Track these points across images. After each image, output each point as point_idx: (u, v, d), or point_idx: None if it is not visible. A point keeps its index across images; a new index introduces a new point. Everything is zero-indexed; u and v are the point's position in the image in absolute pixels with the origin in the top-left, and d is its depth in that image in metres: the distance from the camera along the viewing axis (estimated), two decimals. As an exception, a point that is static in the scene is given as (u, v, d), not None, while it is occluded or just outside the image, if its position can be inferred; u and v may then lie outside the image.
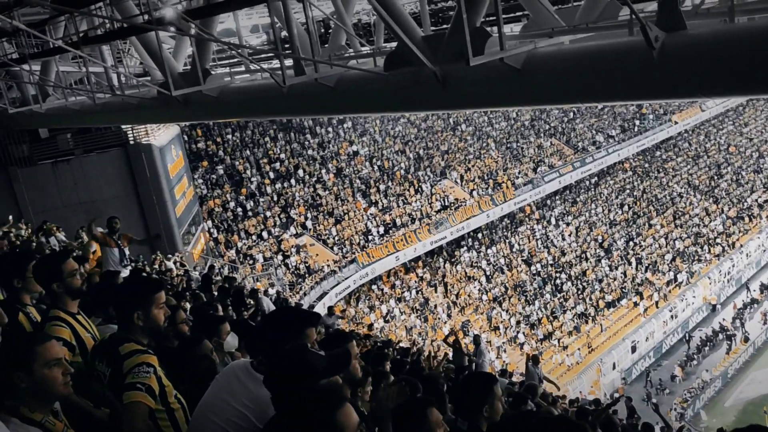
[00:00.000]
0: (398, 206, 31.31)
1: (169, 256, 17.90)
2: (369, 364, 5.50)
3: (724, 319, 32.15)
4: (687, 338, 31.16)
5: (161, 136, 21.08)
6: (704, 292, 33.60)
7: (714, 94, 14.30)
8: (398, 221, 30.45)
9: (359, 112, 17.16)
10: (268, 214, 27.97)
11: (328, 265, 26.81)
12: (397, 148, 34.63)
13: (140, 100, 12.19)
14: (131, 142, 20.25)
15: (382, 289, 29.24)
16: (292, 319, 3.15)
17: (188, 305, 7.52)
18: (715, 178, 43.23)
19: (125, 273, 8.51)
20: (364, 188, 31.48)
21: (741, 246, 36.99)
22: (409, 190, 32.43)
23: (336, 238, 28.51)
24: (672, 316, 31.57)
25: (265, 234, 27.15)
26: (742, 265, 36.10)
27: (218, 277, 15.23)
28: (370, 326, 25.71)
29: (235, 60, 13.16)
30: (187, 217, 22.45)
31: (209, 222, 26.34)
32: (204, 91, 10.11)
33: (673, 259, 35.06)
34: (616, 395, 27.24)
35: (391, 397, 3.18)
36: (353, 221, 29.63)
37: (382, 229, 29.76)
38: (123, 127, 19.73)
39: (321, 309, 20.83)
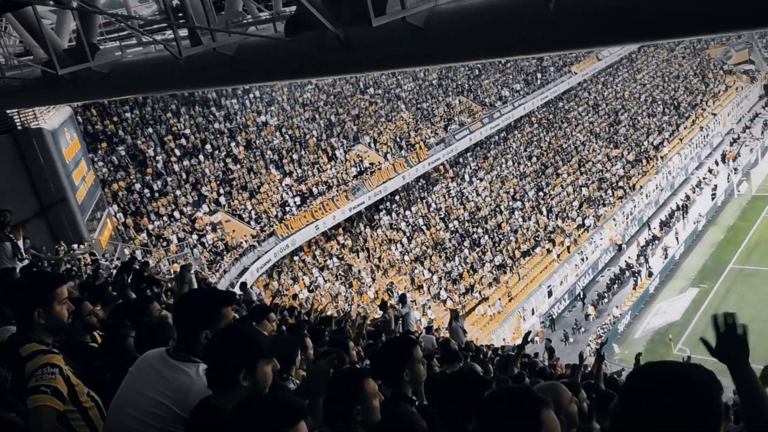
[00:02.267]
0: (313, 175, 30.99)
1: (74, 245, 17.01)
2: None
3: (629, 258, 34.11)
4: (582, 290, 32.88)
5: (52, 119, 19.72)
6: (610, 234, 35.46)
7: (609, 43, 14.81)
8: (315, 190, 30.18)
9: (263, 81, 16.65)
10: (178, 192, 27.00)
11: (247, 241, 26.31)
12: (308, 116, 34.12)
13: (24, 82, 11.32)
14: (19, 128, 18.84)
15: (304, 260, 29.06)
16: (207, 301, 3.03)
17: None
18: (614, 124, 45.29)
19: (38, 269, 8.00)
20: (276, 159, 30.92)
21: (640, 187, 39.17)
22: (323, 158, 32.13)
23: (252, 213, 27.95)
24: (582, 259, 33.17)
25: (176, 214, 26.23)
26: (642, 205, 38.30)
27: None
28: (295, 297, 25.64)
29: (125, 33, 12.38)
30: (89, 203, 21.30)
31: (115, 206, 25.12)
32: (93, 68, 9.49)
33: (581, 205, 36.67)
34: (535, 337, 28.63)
35: (323, 369, 3.15)
36: (268, 194, 29.12)
37: (299, 200, 29.42)
38: (8, 111, 18.32)
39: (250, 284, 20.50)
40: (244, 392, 2.41)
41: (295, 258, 28.70)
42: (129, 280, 9.30)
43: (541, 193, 37.29)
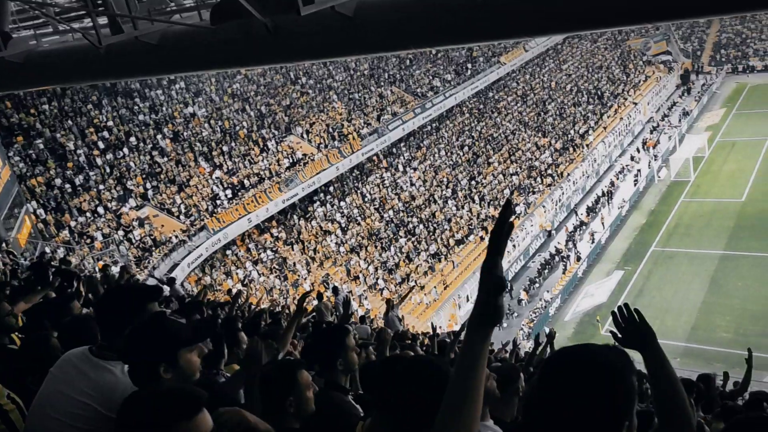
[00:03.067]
0: (245, 167, 30.45)
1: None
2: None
3: (558, 243, 35.20)
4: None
5: (-37, 112, 18.63)
6: (540, 221, 36.46)
7: (534, 34, 15.14)
8: (246, 182, 29.67)
9: (188, 71, 16.19)
10: (102, 187, 25.97)
11: (176, 236, 25.62)
12: (237, 107, 33.45)
13: (-72, 73, 10.59)
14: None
15: (237, 254, 28.56)
16: (131, 297, 2.94)
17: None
18: (542, 113, 46.49)
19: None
20: (206, 151, 30.19)
21: (568, 175, 40.42)
22: (254, 150, 31.60)
23: (181, 207, 27.22)
24: (514, 245, 33.97)
25: (101, 209, 25.23)
26: (570, 192, 39.56)
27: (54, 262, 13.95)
28: (229, 292, 25.18)
29: (41, 20, 11.77)
30: (5, 201, 20.21)
31: (33, 203, 23.94)
32: (6, 58, 8.96)
33: (512, 193, 37.51)
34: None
35: (260, 352, 3.17)
36: (198, 187, 28.42)
37: (230, 192, 28.85)
38: None
39: (179, 279, 19.89)
40: (169, 384, 2.34)
41: (228, 252, 28.17)
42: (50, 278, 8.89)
43: (473, 182, 37.92)
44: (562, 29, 7.58)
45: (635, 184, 39.92)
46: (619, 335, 2.20)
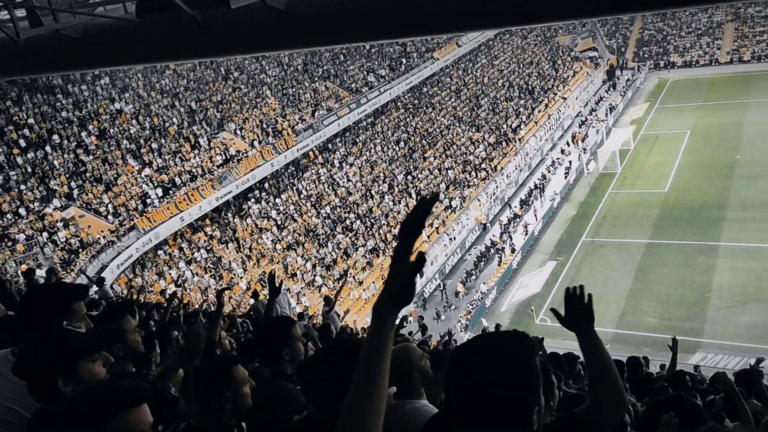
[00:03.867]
0: (175, 164, 29.62)
1: None
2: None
3: (494, 236, 35.86)
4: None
5: None
6: (475, 214, 37.05)
7: (467, 29, 15.31)
8: (178, 180, 28.87)
9: (113, 66, 15.57)
10: (23, 188, 24.75)
11: (105, 236, 24.68)
12: (166, 103, 32.49)
13: None
14: None
15: (170, 254, 27.78)
16: (56, 296, 2.89)
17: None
18: (475, 108, 47.21)
19: None
20: (134, 149, 29.20)
21: (502, 169, 41.21)
22: (185, 147, 30.78)
23: (109, 206, 26.23)
24: (451, 239, 34.41)
25: (22, 211, 24.02)
26: (503, 185, 40.36)
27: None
28: (162, 293, 24.46)
29: (-50, 11, 11.06)
30: None
31: (-51, 205, 22.61)
32: None
33: (447, 187, 37.95)
34: (409, 317, 29.35)
35: (201, 338, 3.25)
36: (126, 185, 27.46)
37: (160, 191, 28.00)
38: None
39: (108, 280, 19.08)
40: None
41: (160, 252, 27.36)
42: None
43: (409, 177, 38.15)
44: (495, 25, 7.66)
45: (566, 177, 41.09)
46: (562, 315, 2.26)
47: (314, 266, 30.19)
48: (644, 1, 5.65)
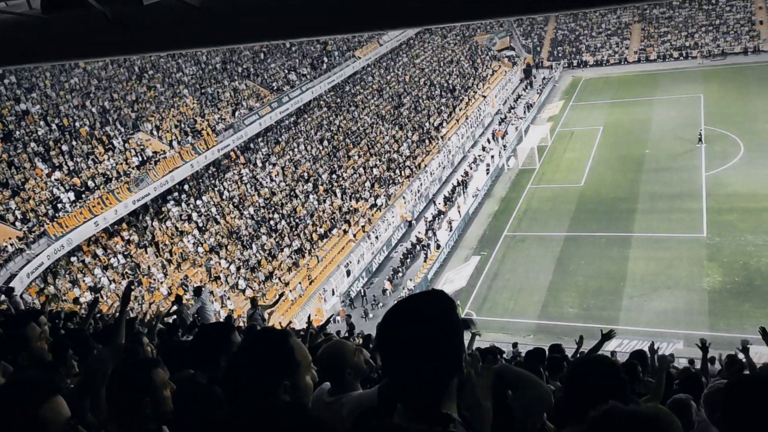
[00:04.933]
0: (88, 167, 28.29)
1: None
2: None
3: (419, 232, 36.22)
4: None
5: None
6: (401, 211, 37.31)
7: (390, 27, 15.29)
8: (91, 183, 27.58)
9: (17, 64, 14.63)
10: None
11: (12, 244, 23.27)
12: (77, 103, 30.98)
13: None
14: None
15: (84, 260, 26.50)
16: None
17: None
18: (398, 107, 47.53)
19: None
20: (42, 151, 27.68)
21: (425, 166, 41.67)
22: (98, 148, 29.44)
23: (17, 212, 24.76)
24: (377, 237, 34.51)
25: None
26: (427, 182, 40.83)
27: None
28: (76, 300, 23.33)
29: None
30: None
31: None
32: None
33: (372, 186, 38.02)
34: (336, 316, 29.27)
35: (103, 359, 3.15)
36: (35, 190, 25.99)
37: (72, 195, 26.66)
38: None
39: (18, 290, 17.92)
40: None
41: (73, 259, 26.06)
42: None
43: (334, 176, 37.96)
44: (419, 23, 7.66)
45: (487, 173, 41.99)
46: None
47: (238, 269, 29.54)
48: (562, 2, 5.76)
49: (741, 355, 8.65)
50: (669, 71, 56.81)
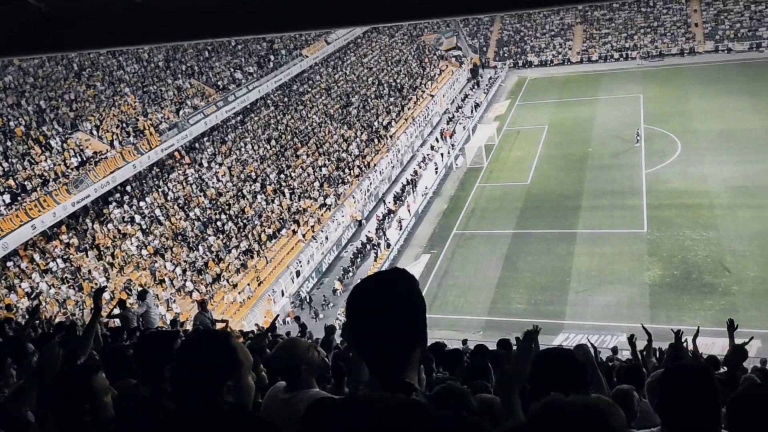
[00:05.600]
0: (24, 168, 27.18)
1: None
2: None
3: (369, 232, 36.20)
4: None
5: None
6: (350, 211, 37.21)
7: (327, 26, 15.19)
8: (28, 185, 26.50)
9: (-54, 60, 13.94)
10: None
11: (-58, 250, 22.18)
12: (11, 102, 29.74)
13: None
14: None
15: (20, 265, 25.45)
16: None
17: None
18: (346, 106, 47.39)
19: None
20: (-25, 152, 26.48)
21: (375, 165, 41.67)
22: (35, 149, 28.32)
23: (-53, 216, 23.62)
24: (326, 237, 34.32)
25: None
26: (377, 182, 40.85)
27: None
28: (8, 307, 22.42)
29: None
30: None
31: None
32: None
33: (321, 185, 37.79)
34: (286, 317, 29.00)
35: (57, 358, 3.09)
36: (-33, 192, 24.85)
37: (8, 197, 25.57)
38: None
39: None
40: None
41: (9, 264, 25.00)
42: None
43: (282, 176, 37.56)
44: (364, 22, 7.59)
45: (436, 172, 42.30)
46: None
47: (184, 271, 28.90)
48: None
49: (690, 345, 8.94)
50: (610, 71, 58.44)
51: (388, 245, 34.15)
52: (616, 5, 65.51)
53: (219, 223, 32.19)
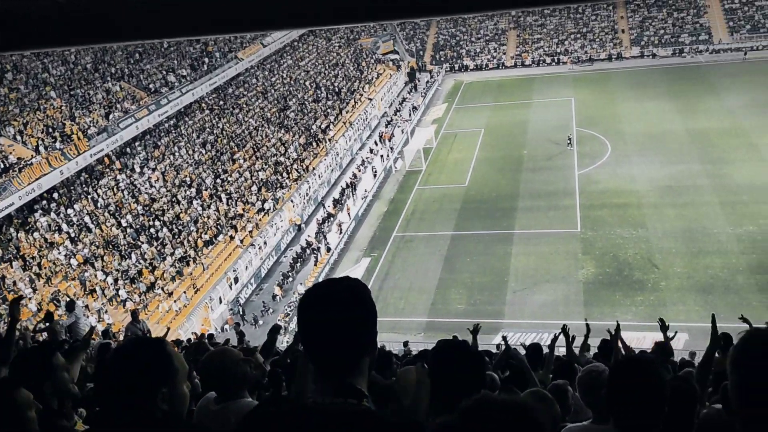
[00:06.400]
0: (-60, 175, 25.70)
1: None
2: None
3: (309, 236, 35.87)
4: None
5: None
6: (289, 215, 36.80)
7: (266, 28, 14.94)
8: (-56, 193, 25.06)
9: None
10: None
11: None
12: (-75, 105, 28.10)
13: None
14: None
15: (-63, 278, 24.03)
16: None
17: None
18: (284, 109, 46.92)
19: None
20: None
21: (313, 169, 41.38)
22: (-48, 154, 26.82)
23: None
24: (265, 242, 33.82)
25: None
26: (316, 185, 40.58)
27: None
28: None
29: None
30: None
31: None
32: None
33: (259, 190, 37.23)
34: (225, 325, 28.45)
35: None
36: None
37: None
38: None
39: None
40: None
41: (-75, 278, 23.57)
42: None
43: (218, 180, 36.81)
44: (311, 24, 7.44)
45: (374, 176, 42.35)
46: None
47: (116, 280, 27.91)
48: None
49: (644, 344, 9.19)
50: (543, 75, 59.97)
51: (329, 249, 33.94)
52: (548, 11, 67.30)
53: (153, 230, 31.25)
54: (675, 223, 31.14)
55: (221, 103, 43.94)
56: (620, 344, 6.94)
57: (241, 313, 29.75)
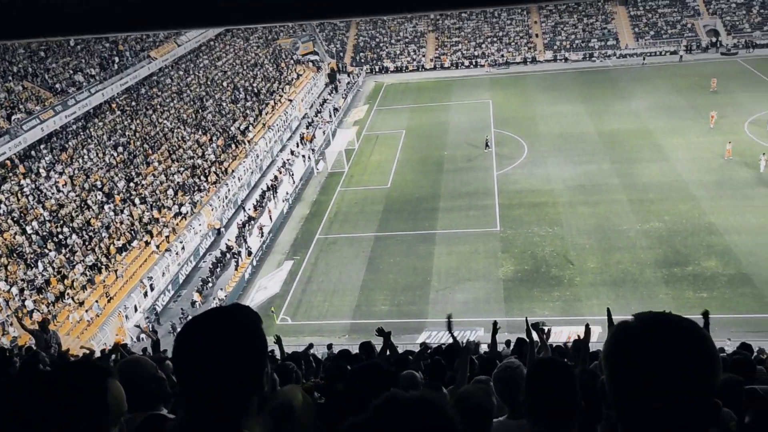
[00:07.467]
0: None
1: None
2: None
3: (229, 240, 34.96)
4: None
5: None
6: (208, 219, 35.77)
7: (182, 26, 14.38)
8: None
9: None
10: None
11: None
12: None
13: None
14: None
15: None
16: None
17: None
18: (201, 110, 45.64)
19: None
20: None
21: (232, 171, 40.44)
22: None
23: None
24: (183, 247, 32.71)
25: None
26: (236, 188, 39.66)
27: None
28: None
29: None
30: None
31: None
32: None
33: (176, 193, 36.00)
34: (142, 335, 27.31)
35: None
36: None
37: None
38: None
39: None
40: None
41: None
42: None
43: (132, 184, 35.33)
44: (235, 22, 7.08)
45: (292, 181, 41.81)
46: None
47: (22, 291, 26.24)
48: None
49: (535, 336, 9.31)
50: (461, 78, 61.11)
51: (250, 253, 33.20)
52: (465, 14, 68.69)
53: (61, 237, 29.61)
54: (588, 221, 32.34)
55: (133, 103, 42.27)
56: (536, 337, 7.00)
57: (155, 320, 28.64)
